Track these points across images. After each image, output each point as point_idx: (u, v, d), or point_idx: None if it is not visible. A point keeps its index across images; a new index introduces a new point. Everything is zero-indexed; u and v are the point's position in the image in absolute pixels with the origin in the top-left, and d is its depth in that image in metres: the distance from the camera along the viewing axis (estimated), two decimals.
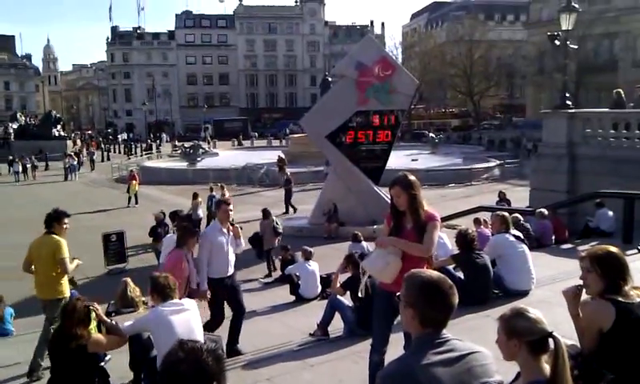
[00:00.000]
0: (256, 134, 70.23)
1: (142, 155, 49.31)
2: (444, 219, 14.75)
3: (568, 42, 17.24)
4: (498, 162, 34.55)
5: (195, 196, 18.62)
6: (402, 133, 55.86)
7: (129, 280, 10.37)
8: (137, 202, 24.76)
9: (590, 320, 2.91)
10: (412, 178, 4.13)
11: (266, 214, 13.87)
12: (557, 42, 17.33)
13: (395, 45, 76.07)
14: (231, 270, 6.50)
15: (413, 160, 37.00)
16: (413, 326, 2.35)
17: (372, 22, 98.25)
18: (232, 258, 6.50)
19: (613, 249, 3.03)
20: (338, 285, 6.64)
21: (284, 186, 21.78)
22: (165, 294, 4.50)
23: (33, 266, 6.48)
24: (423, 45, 72.38)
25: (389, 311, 4.08)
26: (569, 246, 11.48)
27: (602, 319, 2.83)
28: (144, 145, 59.09)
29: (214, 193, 19.61)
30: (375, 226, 14.10)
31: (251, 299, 9.89)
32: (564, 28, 16.40)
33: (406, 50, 77.40)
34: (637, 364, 2.77)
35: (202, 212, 18.17)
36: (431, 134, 51.38)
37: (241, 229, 6.73)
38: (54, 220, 6.55)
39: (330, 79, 35.33)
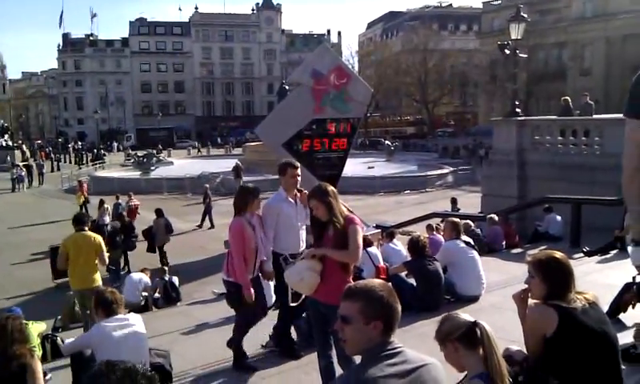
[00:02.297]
0: (196, 142, 69.49)
1: (92, 165, 48.01)
2: (399, 226, 14.91)
3: (517, 52, 17.72)
4: (452, 168, 35.17)
5: (101, 202, 19.32)
6: (358, 141, 56.60)
7: None
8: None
9: (534, 325, 2.91)
10: (328, 187, 4.16)
11: (158, 213, 15.94)
12: (506, 51, 17.79)
13: (352, 53, 77.13)
14: (303, 245, 5.47)
15: (369, 167, 37.31)
16: (368, 340, 2.24)
17: (329, 31, 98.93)
18: (303, 232, 5.54)
19: (556, 254, 3.05)
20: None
21: (203, 202, 21.62)
22: (110, 309, 4.30)
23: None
24: (379, 53, 73.40)
25: (319, 318, 4.20)
26: (519, 250, 11.71)
27: (544, 324, 2.82)
28: (91, 155, 57.35)
29: (119, 200, 20.81)
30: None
31: (203, 311, 9.71)
32: (513, 37, 16.87)
33: (363, 59, 78.31)
34: (580, 370, 2.78)
35: (107, 218, 18.30)
36: (387, 142, 51.94)
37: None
38: (84, 222, 7.91)
39: (287, 87, 35.26)
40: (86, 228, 7.81)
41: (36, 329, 7.76)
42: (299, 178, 5.37)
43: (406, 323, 5.78)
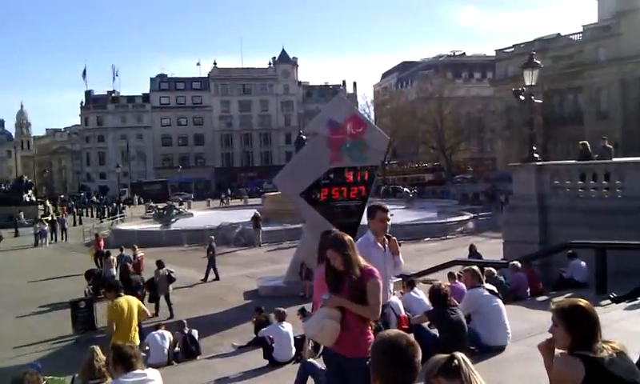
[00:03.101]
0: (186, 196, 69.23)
1: (111, 218, 48.55)
2: (420, 274, 14.71)
3: (532, 97, 17.76)
4: (472, 214, 34.84)
5: (107, 254, 19.78)
6: (376, 188, 56.64)
7: (96, 348, 9.93)
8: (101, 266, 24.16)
9: (559, 378, 2.81)
10: (345, 236, 4.10)
11: (159, 264, 16.52)
12: (521, 97, 17.85)
13: (367, 103, 77.87)
14: (389, 297, 5.22)
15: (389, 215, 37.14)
16: None
17: (344, 82, 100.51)
18: (391, 282, 5.28)
19: (580, 301, 2.96)
20: (310, 347, 6.43)
21: (207, 255, 21.51)
22: (129, 363, 4.24)
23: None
24: (394, 102, 74.22)
25: (335, 371, 4.10)
26: (544, 297, 11.45)
27: (571, 376, 2.73)
28: (110, 208, 57.96)
29: (124, 252, 21.13)
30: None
31: (223, 365, 9.60)
32: (527, 83, 16.94)
33: (378, 108, 79.12)
34: None
35: (114, 270, 18.70)
36: (405, 189, 51.85)
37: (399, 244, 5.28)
38: (119, 287, 8.22)
39: (304, 137, 35.68)
40: (122, 293, 8.04)
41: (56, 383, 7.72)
42: (390, 223, 5.10)
43: None
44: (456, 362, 2.51)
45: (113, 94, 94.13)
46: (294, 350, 8.95)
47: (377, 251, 4.96)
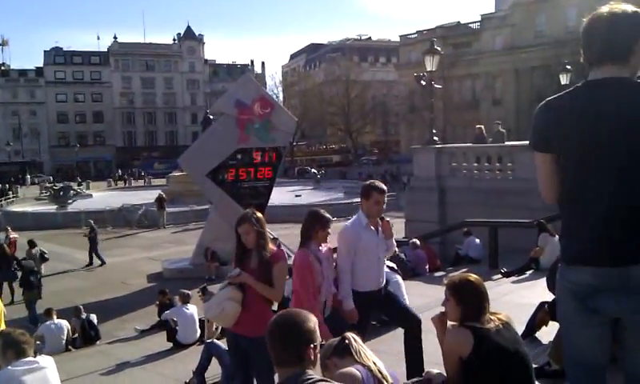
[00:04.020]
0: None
1: (11, 198, 45.31)
2: None
3: (433, 82, 18.47)
4: None
5: None
6: (285, 169, 56.81)
7: None
8: None
9: (450, 348, 2.96)
10: (259, 214, 4.10)
11: (31, 244, 17.03)
12: (423, 82, 18.52)
13: (276, 84, 77.47)
14: (383, 281, 4.78)
15: (296, 196, 37.43)
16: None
17: (252, 62, 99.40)
18: (383, 265, 4.83)
19: (470, 276, 3.13)
20: (214, 328, 6.40)
21: (89, 235, 20.71)
22: (20, 349, 3.98)
23: None
24: (303, 84, 74.35)
25: (237, 352, 4.14)
26: (441, 273, 12.04)
27: (460, 346, 2.88)
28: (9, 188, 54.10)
29: None
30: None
31: (124, 349, 9.32)
32: (428, 69, 17.60)
33: (287, 89, 78.98)
34: None
35: None
36: (313, 170, 52.39)
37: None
38: None
39: (211, 117, 34.94)
40: None
41: None
42: (384, 205, 4.64)
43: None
44: (346, 341, 2.64)
45: (2, 67, 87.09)
46: (198, 331, 8.85)
47: (369, 234, 4.59)
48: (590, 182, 2.29)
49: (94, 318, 10.92)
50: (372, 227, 4.59)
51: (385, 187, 4.68)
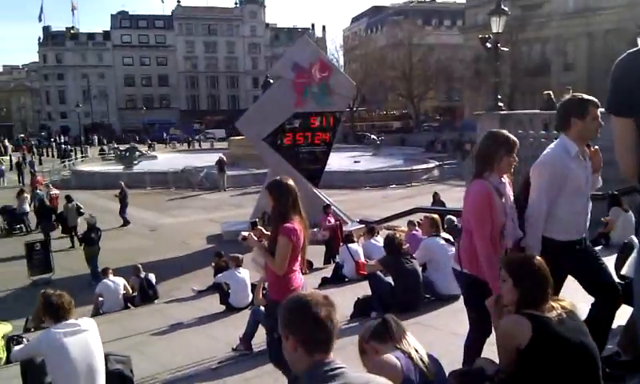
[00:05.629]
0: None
1: (75, 159, 47.26)
2: (383, 221, 14.70)
3: (498, 45, 17.57)
4: (438, 163, 35.09)
5: (21, 192, 21.25)
6: (344, 135, 56.32)
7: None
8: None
9: (505, 337, 2.67)
10: (286, 181, 4.06)
11: (68, 198, 18.06)
12: (488, 45, 17.64)
13: (336, 48, 76.47)
14: (587, 229, 3.73)
15: (355, 162, 37.15)
16: (298, 359, 1.95)
17: (313, 25, 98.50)
18: (589, 207, 3.75)
19: (532, 256, 2.82)
20: (262, 294, 6.30)
21: (119, 196, 21.16)
22: (57, 315, 3.98)
23: None
24: (364, 48, 72.95)
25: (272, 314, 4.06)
26: None
27: (517, 336, 2.58)
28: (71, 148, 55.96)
29: (38, 190, 22.08)
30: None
31: (180, 309, 9.51)
32: (494, 30, 16.71)
33: (347, 53, 77.91)
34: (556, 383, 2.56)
35: (27, 206, 20.44)
36: (373, 136, 51.78)
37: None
38: None
39: (271, 80, 34.88)
40: None
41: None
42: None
43: None
44: (387, 325, 2.48)
45: (72, 31, 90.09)
46: (250, 296, 8.86)
47: (577, 165, 3.56)
48: None
49: (152, 277, 11.18)
50: (581, 157, 3.58)
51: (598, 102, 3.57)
